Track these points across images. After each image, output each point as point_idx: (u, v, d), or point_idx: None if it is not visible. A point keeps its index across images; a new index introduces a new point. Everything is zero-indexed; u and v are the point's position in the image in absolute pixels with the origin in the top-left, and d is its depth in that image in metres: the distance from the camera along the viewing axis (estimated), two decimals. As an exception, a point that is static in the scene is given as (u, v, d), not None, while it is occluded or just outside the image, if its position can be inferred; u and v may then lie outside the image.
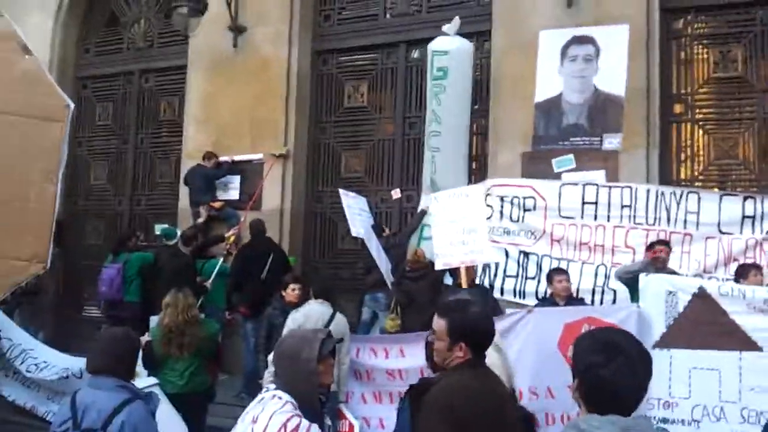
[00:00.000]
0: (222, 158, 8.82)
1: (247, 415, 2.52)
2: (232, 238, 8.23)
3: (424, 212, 7.49)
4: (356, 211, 7.48)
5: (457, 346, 2.47)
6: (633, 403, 1.84)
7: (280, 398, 2.49)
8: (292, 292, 6.19)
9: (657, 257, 5.70)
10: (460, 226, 6.18)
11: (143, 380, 4.88)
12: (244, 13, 9.08)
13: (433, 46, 7.69)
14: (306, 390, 2.54)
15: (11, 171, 2.06)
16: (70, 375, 6.12)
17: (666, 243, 5.99)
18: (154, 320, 5.61)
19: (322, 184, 9.01)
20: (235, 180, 8.92)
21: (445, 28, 7.67)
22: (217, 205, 8.68)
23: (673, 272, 5.80)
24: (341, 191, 7.61)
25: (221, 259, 8.02)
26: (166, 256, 7.58)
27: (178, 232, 8.12)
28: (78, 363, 6.13)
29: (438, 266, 6.35)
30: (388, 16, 8.91)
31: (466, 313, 2.58)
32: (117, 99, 10.46)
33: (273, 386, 2.61)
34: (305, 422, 2.43)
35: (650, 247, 5.99)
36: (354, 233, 7.31)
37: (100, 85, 10.68)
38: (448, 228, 6.17)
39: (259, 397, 2.58)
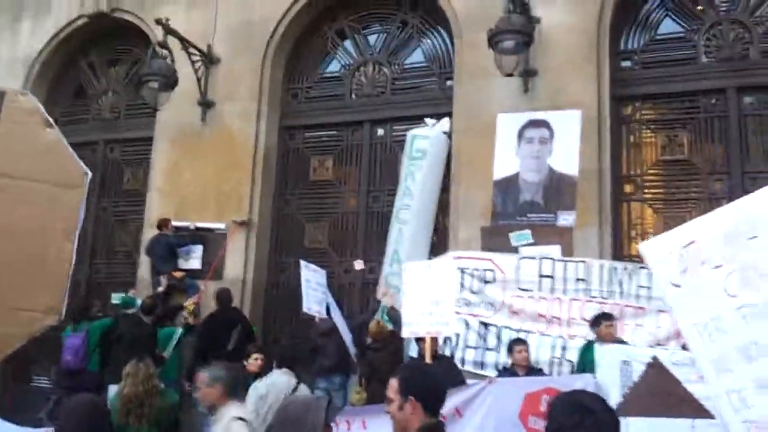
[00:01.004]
0: (184, 223, 8.85)
1: None
2: (191, 307, 8.18)
3: (373, 310, 7.62)
4: (313, 286, 7.59)
5: (407, 402, 2.47)
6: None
7: None
8: (254, 361, 6.17)
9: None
10: (428, 297, 6.31)
11: None
12: (213, 89, 9.36)
13: (414, 131, 8.25)
14: None
15: (31, 231, 2.19)
16: (20, 448, 5.87)
17: (610, 316, 6.22)
18: (113, 389, 5.51)
19: (285, 255, 9.09)
20: (198, 250, 8.94)
21: (427, 120, 8.27)
22: (178, 275, 8.65)
23: (622, 342, 6.02)
24: (302, 262, 7.71)
25: (179, 329, 7.94)
26: (126, 324, 7.48)
27: (138, 302, 8.04)
28: (32, 433, 5.90)
29: (404, 334, 6.41)
30: (353, 96, 9.30)
31: (415, 369, 2.71)
32: (81, 168, 10.51)
33: None
34: None
35: (596, 322, 6.22)
36: (305, 309, 7.39)
37: (65, 154, 10.69)
38: (416, 298, 6.27)
39: None
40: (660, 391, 4.98)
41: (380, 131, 9.08)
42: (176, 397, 5.74)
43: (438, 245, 8.13)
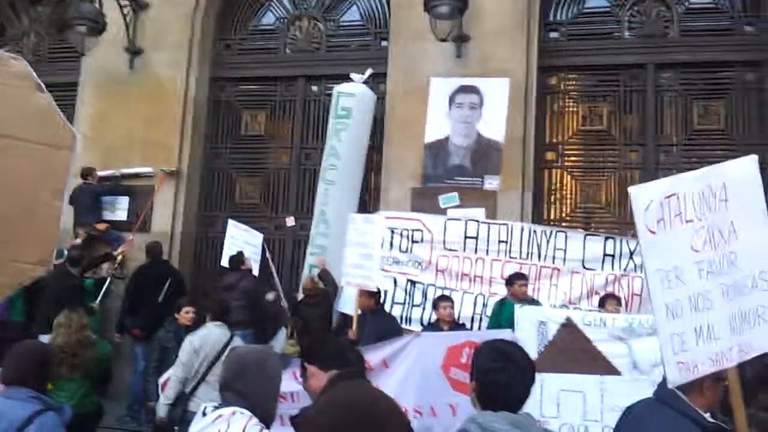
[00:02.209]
0: (109, 172, 8.67)
1: None
2: (120, 257, 8.09)
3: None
4: (239, 244, 7.73)
5: (306, 370, 2.69)
6: (520, 402, 2.22)
7: (242, 413, 2.44)
8: (186, 314, 6.21)
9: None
10: (359, 251, 6.53)
11: None
12: (142, 36, 9.08)
13: (339, 87, 8.12)
14: (271, 404, 2.55)
15: (22, 188, 2.27)
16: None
17: (524, 276, 6.66)
18: (44, 339, 5.46)
19: (215, 209, 9.07)
20: (124, 201, 8.79)
21: (354, 76, 8.11)
22: (101, 227, 8.47)
23: (534, 301, 6.47)
24: (231, 222, 7.78)
25: (107, 281, 7.85)
26: (52, 275, 7.33)
27: (65, 252, 7.87)
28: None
29: (342, 283, 6.68)
30: (287, 51, 9.22)
31: (311, 342, 2.91)
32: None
33: (213, 403, 2.56)
34: None
35: (510, 281, 6.62)
36: (223, 262, 7.56)
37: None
38: (352, 250, 6.49)
39: (213, 415, 2.48)
40: (573, 349, 5.37)
41: (314, 88, 9.08)
42: (109, 348, 5.73)
43: (369, 204, 8.32)
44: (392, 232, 7.52)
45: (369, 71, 8.14)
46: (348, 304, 7.14)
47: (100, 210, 8.66)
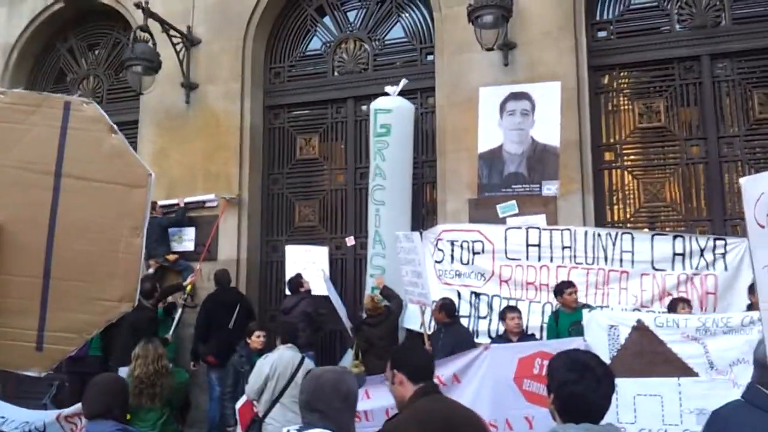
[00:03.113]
0: (172, 201, 8.94)
1: None
2: (189, 287, 8.32)
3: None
4: (302, 265, 8.04)
5: (395, 376, 2.81)
6: (601, 413, 2.18)
7: None
8: (257, 338, 6.36)
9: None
10: (411, 269, 6.58)
11: None
12: (196, 70, 9.37)
13: (375, 104, 8.14)
14: (348, 423, 2.58)
15: (102, 228, 2.40)
16: (32, 429, 6.01)
17: (572, 284, 6.57)
18: (123, 372, 5.67)
19: (276, 234, 9.24)
20: (190, 232, 9.03)
21: (389, 89, 8.13)
22: (171, 257, 8.76)
23: (587, 306, 6.38)
24: (288, 247, 8.15)
25: (179, 311, 8.08)
26: (126, 308, 7.60)
27: (136, 286, 8.15)
28: (38, 416, 6.05)
29: (406, 300, 6.77)
30: (335, 73, 9.36)
31: (402, 347, 3.03)
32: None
33: (295, 426, 2.59)
34: None
35: (558, 291, 6.53)
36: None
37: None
38: (405, 268, 6.55)
39: None
40: (646, 351, 5.24)
41: (364, 107, 9.16)
42: (185, 376, 5.93)
43: (426, 219, 8.33)
44: (452, 244, 7.51)
45: (403, 82, 8.15)
46: (412, 319, 7.17)
47: (168, 242, 8.93)
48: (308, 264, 8.08)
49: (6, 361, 2.49)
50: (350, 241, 8.55)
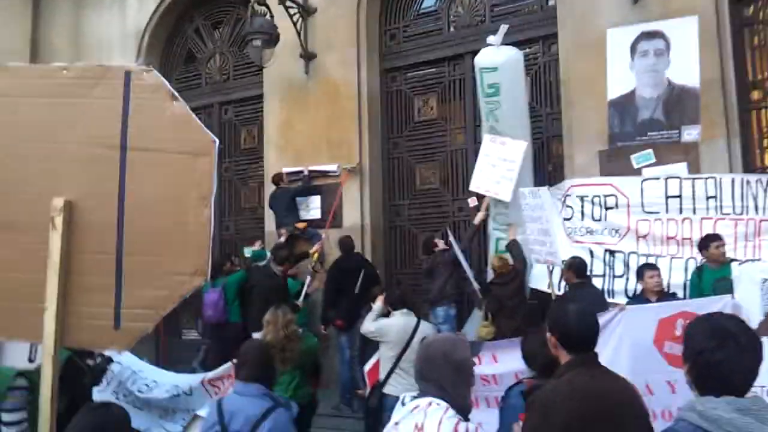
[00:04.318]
0: (297, 168, 9.14)
1: (402, 426, 2.48)
2: (316, 255, 8.52)
3: (476, 227, 7.68)
4: (493, 161, 7.52)
5: (551, 339, 2.60)
6: (745, 385, 1.91)
7: (438, 404, 2.45)
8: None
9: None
10: (538, 227, 6.29)
11: None
12: (313, 40, 9.44)
13: (480, 62, 7.50)
14: (463, 393, 2.54)
15: (170, 200, 2.38)
16: (180, 393, 6.43)
17: (719, 237, 6.01)
18: (256, 337, 5.89)
19: (398, 198, 9.22)
20: (316, 200, 9.22)
21: (490, 39, 7.49)
22: (301, 225, 8.99)
23: (736, 260, 5.81)
24: (488, 137, 7.67)
25: (308, 278, 8.31)
26: (258, 276, 7.93)
27: (268, 254, 8.48)
28: (186, 380, 6.46)
29: (531, 260, 6.62)
30: (452, 29, 9.08)
31: (558, 308, 2.77)
32: (200, 132, 10.97)
33: (413, 393, 2.59)
34: (472, 425, 2.44)
35: (704, 244, 6.01)
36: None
37: (183, 120, 11.24)
38: (532, 226, 6.30)
39: (411, 405, 2.52)
40: (807, 308, 4.72)
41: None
42: (314, 340, 6.04)
43: (554, 175, 7.94)
44: (582, 200, 7.10)
45: (503, 28, 7.46)
46: (540, 279, 6.91)
47: (297, 210, 9.18)
48: (500, 161, 7.46)
49: (85, 339, 2.49)
50: (472, 201, 8.32)
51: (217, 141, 2.43)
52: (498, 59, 7.39)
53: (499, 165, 7.35)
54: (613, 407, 2.36)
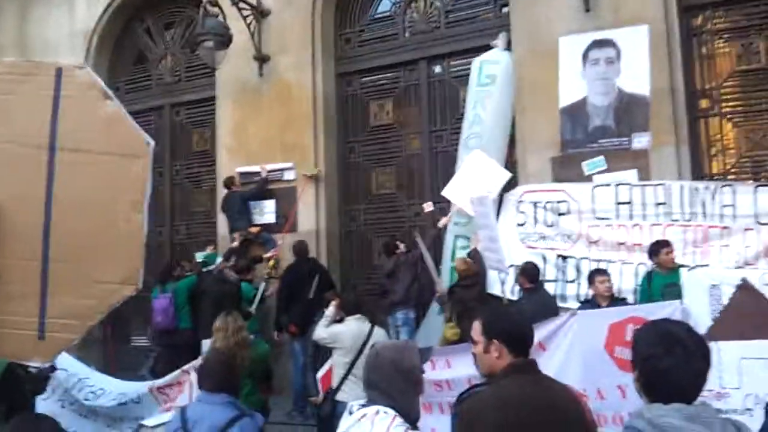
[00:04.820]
0: (253, 168, 9.00)
1: None
2: (272, 261, 8.39)
3: (439, 229, 7.68)
4: (474, 179, 7.50)
5: (491, 344, 2.40)
6: (693, 392, 1.89)
7: (386, 413, 2.40)
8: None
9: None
10: (487, 234, 6.32)
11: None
12: (267, 42, 9.31)
13: (482, 57, 7.97)
14: (411, 401, 2.49)
15: (100, 204, 2.24)
16: (128, 401, 6.24)
17: (668, 243, 6.12)
18: (206, 344, 5.75)
19: (354, 202, 9.15)
20: (270, 204, 9.07)
21: (494, 42, 7.98)
22: (254, 230, 8.84)
23: (684, 266, 5.90)
24: (477, 152, 7.64)
25: (263, 284, 8.17)
26: (209, 281, 7.76)
27: (218, 259, 8.30)
28: (134, 387, 6.27)
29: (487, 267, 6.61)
30: (407, 34, 9.07)
31: (497, 310, 2.67)
32: (150, 134, 10.66)
33: (360, 401, 2.54)
34: None
35: (654, 251, 6.11)
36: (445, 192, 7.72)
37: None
38: (482, 233, 6.33)
39: (358, 414, 2.46)
40: (751, 313, 4.82)
41: (437, 68, 8.86)
42: (265, 347, 5.92)
43: (509, 179, 7.98)
44: (535, 206, 7.17)
45: (503, 35, 7.91)
46: (493, 284, 6.93)
47: (250, 214, 9.01)
48: (479, 180, 7.40)
49: (8, 350, 2.35)
50: (428, 206, 8.30)
51: (152, 143, 2.32)
52: (502, 57, 7.93)
53: (478, 184, 7.37)
54: (546, 415, 2.22)
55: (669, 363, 1.88)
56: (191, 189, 10.44)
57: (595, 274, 6.07)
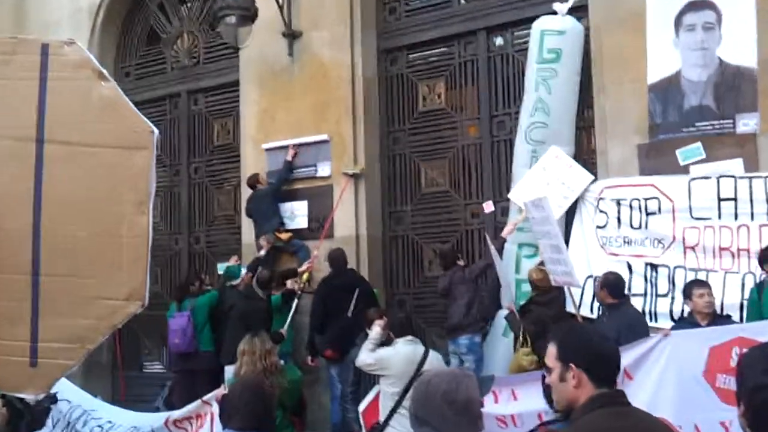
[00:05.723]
0: (279, 143, 9.13)
1: None
2: (306, 275, 8.46)
3: (504, 240, 7.58)
4: (549, 179, 7.49)
5: (569, 371, 2.33)
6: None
7: None
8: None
9: None
10: (549, 243, 6.27)
11: None
12: (298, 16, 9.41)
13: (542, 25, 7.81)
14: None
15: (99, 206, 2.23)
16: (141, 434, 6.40)
17: None
18: (229, 370, 5.84)
19: (400, 203, 9.17)
20: (302, 206, 9.15)
21: (557, 6, 7.79)
22: (284, 236, 8.92)
23: None
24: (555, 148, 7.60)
25: (296, 301, 8.25)
26: (234, 297, 7.89)
27: (243, 271, 8.42)
28: (147, 420, 6.43)
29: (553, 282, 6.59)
30: (462, 1, 9.05)
31: (576, 329, 2.61)
32: (164, 125, 10.89)
33: None
34: None
35: (765, 258, 5.96)
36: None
37: (145, 112, 11.14)
38: (543, 243, 6.29)
39: None
40: None
41: (499, 40, 8.81)
42: (298, 373, 6.02)
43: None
44: (618, 204, 7.11)
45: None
46: (566, 300, 6.90)
47: (279, 214, 9.07)
48: (557, 182, 7.41)
49: None
50: (489, 206, 8.29)
51: (156, 132, 2.31)
52: (565, 25, 7.75)
53: (554, 187, 7.35)
54: None
55: (784, 396, 1.83)
56: (213, 189, 10.62)
57: (693, 287, 6.01)
